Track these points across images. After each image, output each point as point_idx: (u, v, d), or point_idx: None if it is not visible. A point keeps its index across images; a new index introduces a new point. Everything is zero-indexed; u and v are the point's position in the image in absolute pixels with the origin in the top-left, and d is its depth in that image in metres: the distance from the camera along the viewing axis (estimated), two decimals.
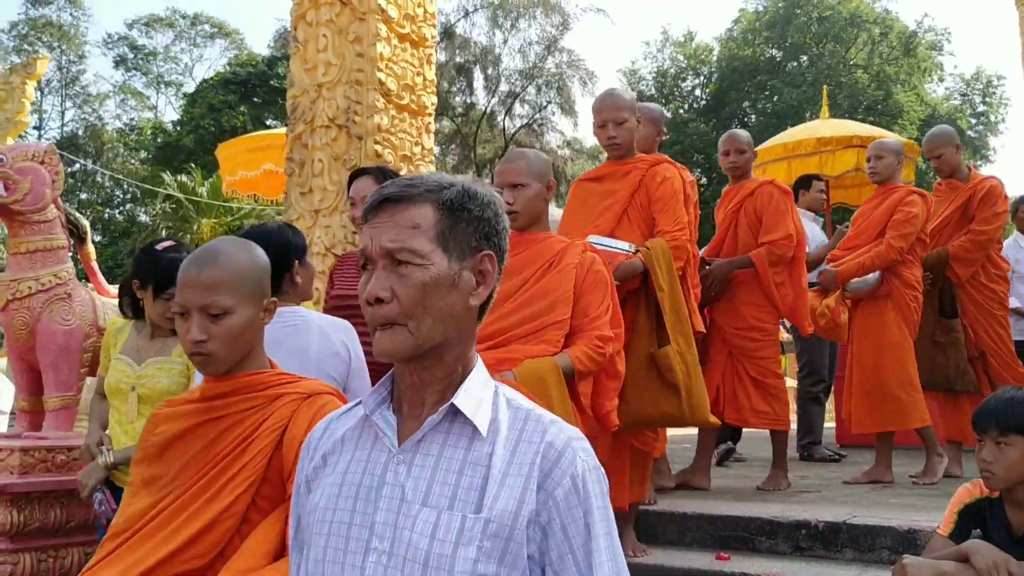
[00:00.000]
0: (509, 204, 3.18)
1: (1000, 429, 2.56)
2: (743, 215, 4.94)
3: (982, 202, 5.24)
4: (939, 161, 5.36)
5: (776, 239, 4.76)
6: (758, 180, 5.02)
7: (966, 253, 5.23)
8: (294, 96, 5.05)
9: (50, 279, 4.30)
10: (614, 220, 4.01)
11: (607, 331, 3.10)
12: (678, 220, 3.94)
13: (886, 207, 5.15)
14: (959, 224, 5.32)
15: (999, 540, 2.55)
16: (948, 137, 5.49)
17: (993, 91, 31.20)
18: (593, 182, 4.24)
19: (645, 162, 4.10)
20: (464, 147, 31.76)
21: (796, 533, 3.76)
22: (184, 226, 25.52)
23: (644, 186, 4.03)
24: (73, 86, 39.29)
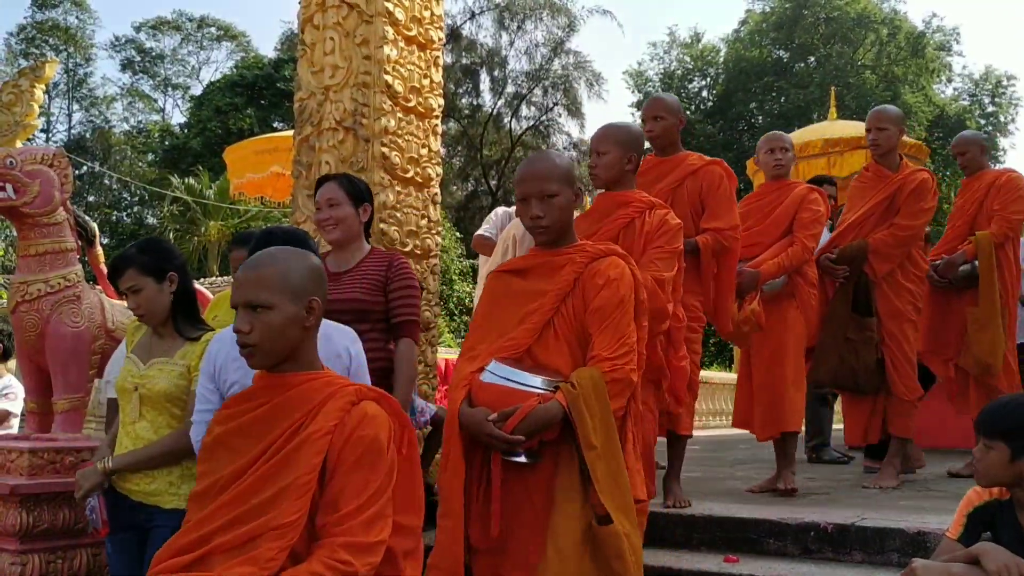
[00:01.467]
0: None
1: (986, 432, 2.62)
2: (684, 193, 4.31)
3: (911, 195, 4.97)
4: (879, 135, 5.10)
5: (723, 228, 4.24)
6: (702, 158, 4.43)
7: (887, 248, 4.94)
8: (301, 99, 5.05)
9: (59, 281, 4.31)
10: (532, 334, 2.87)
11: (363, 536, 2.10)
12: (623, 340, 2.79)
13: (788, 204, 4.90)
14: (883, 216, 5.04)
15: (1009, 543, 2.54)
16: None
17: (1003, 91, 31.12)
18: (513, 275, 3.07)
19: (586, 254, 2.93)
20: (470, 149, 31.79)
21: (805, 535, 3.75)
22: (191, 228, 25.61)
23: (581, 288, 2.88)
24: (80, 89, 39.45)
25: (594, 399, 2.68)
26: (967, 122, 29.46)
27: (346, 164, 4.80)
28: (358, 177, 3.78)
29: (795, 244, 4.77)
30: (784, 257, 4.73)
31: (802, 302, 4.87)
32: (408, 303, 3.55)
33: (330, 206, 3.59)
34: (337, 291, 3.50)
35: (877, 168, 5.15)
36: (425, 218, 5.11)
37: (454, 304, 22.56)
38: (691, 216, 4.25)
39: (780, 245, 4.80)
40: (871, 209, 5.03)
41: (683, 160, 4.39)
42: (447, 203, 29.05)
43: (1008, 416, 2.60)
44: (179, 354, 3.17)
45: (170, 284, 3.20)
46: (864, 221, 5.04)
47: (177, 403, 3.13)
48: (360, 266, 3.59)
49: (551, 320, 2.87)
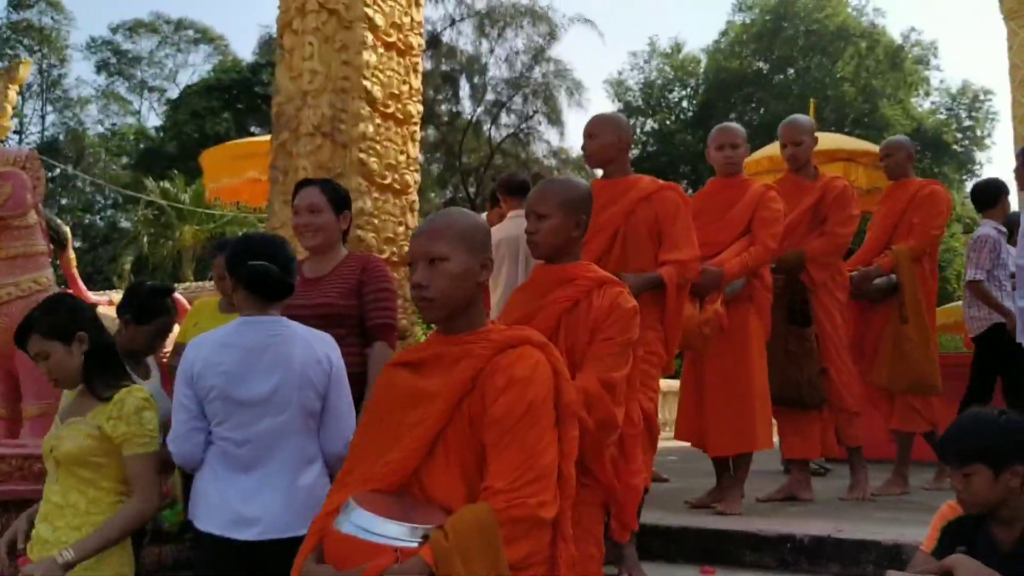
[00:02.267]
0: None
1: (959, 460, 2.54)
2: (639, 222, 3.93)
3: (835, 203, 4.98)
4: (796, 149, 5.09)
5: (686, 259, 3.87)
6: (655, 182, 4.06)
7: (824, 256, 4.94)
8: (279, 103, 5.02)
9: (30, 285, 4.26)
10: (414, 455, 2.17)
11: None
12: (530, 464, 2.08)
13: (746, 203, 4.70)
14: (812, 225, 5.02)
15: (984, 556, 2.53)
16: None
17: (980, 105, 31.42)
18: (403, 369, 2.36)
19: (489, 343, 2.24)
20: (450, 156, 31.76)
21: (782, 547, 3.75)
22: (166, 233, 25.45)
23: (480, 390, 2.17)
24: (54, 90, 39.09)
25: (477, 551, 1.96)
26: (944, 135, 29.75)
27: (323, 170, 4.76)
28: (338, 183, 3.75)
29: (756, 244, 4.57)
30: (747, 256, 4.53)
31: (759, 307, 4.69)
32: (383, 307, 3.51)
33: (311, 212, 3.55)
34: (312, 296, 3.47)
35: (795, 179, 5.14)
36: (403, 225, 5.09)
37: None
38: (649, 246, 3.91)
39: (740, 245, 4.60)
40: (798, 218, 4.98)
41: (634, 184, 3.99)
42: (425, 210, 28.96)
43: (980, 436, 2.53)
44: (91, 414, 2.94)
45: (80, 344, 2.96)
46: (793, 230, 4.96)
47: (87, 466, 2.89)
48: (335, 271, 3.55)
49: (441, 435, 2.17)
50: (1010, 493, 2.52)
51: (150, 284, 3.69)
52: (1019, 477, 2.51)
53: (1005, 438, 2.52)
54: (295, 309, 3.46)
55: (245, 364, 2.76)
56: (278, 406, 2.77)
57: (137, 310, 3.54)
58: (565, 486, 2.17)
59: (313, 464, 2.84)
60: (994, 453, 2.50)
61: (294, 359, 2.81)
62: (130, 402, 2.89)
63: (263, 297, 2.90)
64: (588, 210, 3.00)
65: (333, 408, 2.88)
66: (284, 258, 2.93)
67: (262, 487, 2.74)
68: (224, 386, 2.73)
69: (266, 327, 2.86)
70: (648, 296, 3.76)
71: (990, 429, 2.54)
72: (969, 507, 2.59)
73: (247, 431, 2.76)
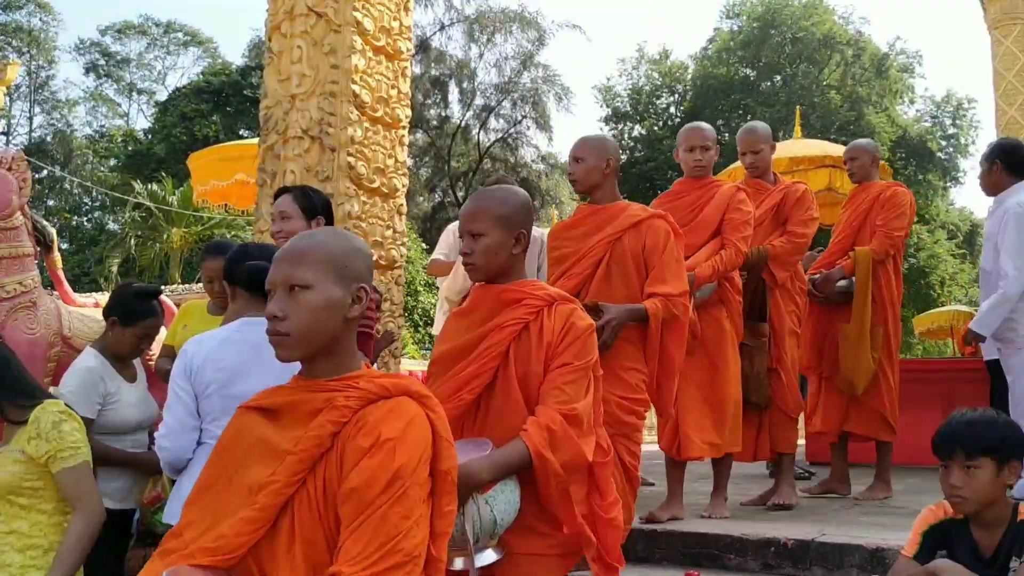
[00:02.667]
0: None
1: (967, 453, 2.54)
2: (624, 250, 3.64)
3: (796, 205, 4.98)
4: (756, 157, 5.10)
5: (673, 293, 3.55)
6: (644, 209, 3.77)
7: (786, 254, 4.92)
8: (267, 107, 5.02)
9: (15, 287, 4.24)
10: (253, 527, 1.79)
11: None
12: (390, 547, 1.69)
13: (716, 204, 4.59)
14: (772, 225, 5.02)
15: (966, 561, 2.55)
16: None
17: (963, 114, 31.63)
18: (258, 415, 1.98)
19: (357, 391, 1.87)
20: (438, 160, 31.78)
21: (765, 551, 3.77)
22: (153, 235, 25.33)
23: (339, 451, 1.81)
24: (42, 91, 38.95)
25: None
26: (929, 143, 29.92)
27: (311, 173, 4.77)
28: (316, 190, 3.74)
29: (727, 247, 4.48)
30: (718, 260, 4.43)
31: (731, 311, 4.59)
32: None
33: (282, 219, 3.58)
34: None
35: (756, 183, 5.14)
36: (390, 229, 5.09)
37: (419, 316, 22.49)
38: (635, 276, 3.61)
39: (710, 248, 4.50)
40: (760, 217, 4.95)
41: (622, 211, 3.70)
42: (413, 214, 28.99)
43: (988, 430, 2.57)
44: (13, 440, 2.89)
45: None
46: (755, 230, 4.84)
47: (23, 493, 2.85)
48: None
49: (290, 504, 1.78)
50: (1001, 492, 2.56)
51: (137, 286, 3.67)
52: (1015, 475, 2.55)
53: (1011, 434, 2.58)
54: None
55: (245, 361, 2.71)
56: None
57: (124, 312, 3.53)
58: (434, 573, 1.79)
59: None
60: (1001, 448, 2.54)
61: None
62: (46, 418, 2.86)
63: (263, 296, 2.89)
64: (528, 223, 2.61)
65: None
66: None
67: None
68: (223, 381, 2.69)
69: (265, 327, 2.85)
70: (631, 333, 3.48)
71: (1000, 426, 2.59)
72: (966, 505, 2.58)
73: None
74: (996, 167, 4.86)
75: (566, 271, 3.68)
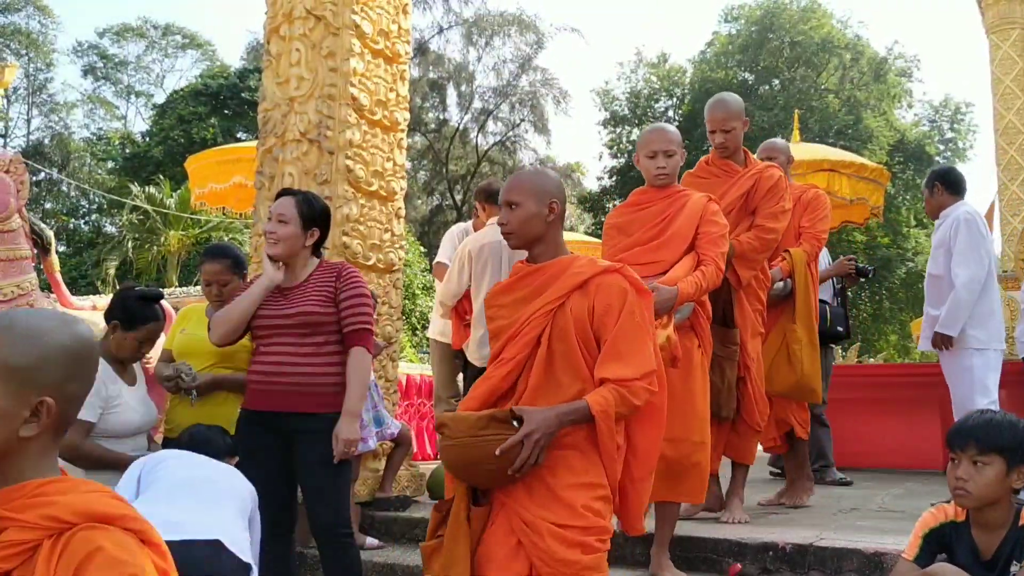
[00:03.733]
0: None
1: (979, 448, 2.56)
2: (566, 321, 2.70)
3: (768, 195, 4.51)
4: (726, 136, 4.58)
5: (631, 377, 2.61)
6: (593, 264, 2.81)
7: (753, 252, 4.42)
8: (265, 109, 5.01)
9: (12, 290, 4.23)
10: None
11: None
12: None
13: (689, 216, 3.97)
14: (740, 215, 4.51)
15: (966, 564, 2.56)
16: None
17: (961, 118, 31.72)
18: None
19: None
20: (436, 163, 31.79)
21: (763, 555, 3.76)
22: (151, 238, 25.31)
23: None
24: (40, 94, 38.94)
25: None
26: (927, 147, 29.98)
27: (310, 176, 4.76)
28: (319, 198, 3.72)
29: (707, 264, 3.84)
30: (700, 277, 3.79)
31: (702, 339, 3.91)
32: (359, 311, 3.51)
33: (279, 221, 3.57)
34: (287, 306, 3.47)
35: (724, 163, 4.65)
36: (388, 232, 5.09)
37: (416, 319, 22.47)
38: (585, 357, 2.69)
39: (688, 262, 3.87)
40: (728, 206, 4.42)
41: (565, 268, 2.79)
42: (411, 217, 28.99)
43: (1005, 430, 2.58)
44: None
45: None
46: None
47: None
48: (310, 279, 3.55)
49: None
50: (1006, 494, 2.56)
51: (139, 290, 3.66)
52: (1023, 480, 2.55)
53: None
54: (272, 319, 3.47)
55: None
56: None
57: (126, 316, 3.53)
58: None
59: None
60: (1015, 450, 2.55)
61: None
62: None
63: None
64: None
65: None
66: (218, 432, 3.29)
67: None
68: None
69: None
70: (574, 436, 2.62)
71: (1016, 428, 2.60)
72: (968, 499, 2.59)
73: None
74: (938, 189, 5.23)
75: (497, 355, 2.81)
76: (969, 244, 4.91)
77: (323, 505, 3.40)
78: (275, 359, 3.41)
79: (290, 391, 3.37)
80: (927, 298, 5.20)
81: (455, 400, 5.75)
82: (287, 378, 3.36)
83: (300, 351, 3.44)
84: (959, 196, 5.17)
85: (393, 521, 4.78)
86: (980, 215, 5.08)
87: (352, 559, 3.48)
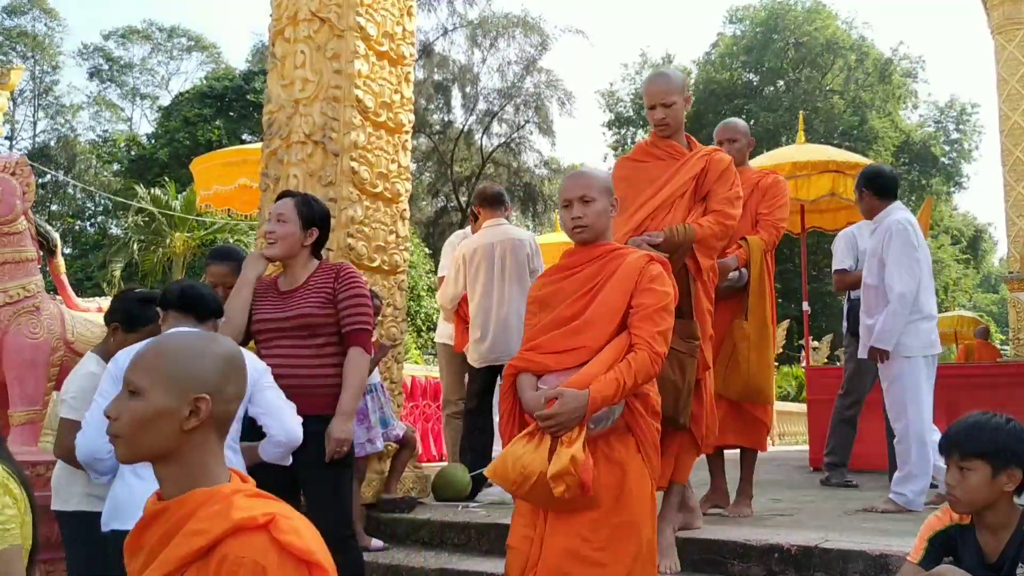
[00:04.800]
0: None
1: (961, 454, 2.57)
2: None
3: (721, 178, 4.05)
4: (667, 112, 4.12)
5: None
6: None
7: (713, 238, 3.94)
8: (270, 111, 5.02)
9: (18, 291, 4.24)
10: None
11: None
12: None
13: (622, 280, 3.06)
14: (690, 202, 4.03)
15: (971, 567, 2.55)
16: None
17: (967, 119, 31.69)
18: None
19: None
20: (441, 165, 31.81)
21: (769, 557, 3.75)
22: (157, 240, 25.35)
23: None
24: (46, 96, 39.06)
25: None
26: (932, 148, 29.94)
27: (314, 178, 4.77)
28: (318, 199, 3.73)
29: (639, 348, 2.88)
30: (625, 370, 2.83)
31: (643, 441, 2.96)
32: (357, 312, 3.51)
33: (278, 221, 3.58)
34: (287, 308, 3.49)
35: (669, 144, 4.17)
36: (393, 233, 5.09)
37: (421, 321, 22.49)
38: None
39: (614, 348, 2.91)
40: (681, 188, 4.01)
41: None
42: (416, 219, 29.01)
43: (987, 434, 2.57)
44: None
45: None
46: (675, 202, 4.00)
47: None
48: (309, 281, 3.56)
49: None
50: (1000, 497, 2.55)
51: (139, 292, 3.67)
52: (1014, 482, 2.54)
53: (1011, 441, 2.56)
54: (272, 322, 3.49)
55: None
56: None
57: (126, 318, 3.53)
58: None
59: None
60: (997, 453, 2.54)
61: None
62: None
63: (195, 315, 3.11)
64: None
65: (264, 407, 3.05)
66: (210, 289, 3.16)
67: None
68: None
69: None
70: None
71: (998, 430, 2.58)
72: (958, 505, 2.60)
73: None
74: (865, 194, 5.13)
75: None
76: (902, 255, 4.82)
77: (325, 506, 3.40)
78: (275, 361, 3.41)
79: (291, 393, 3.38)
80: (863, 307, 5.09)
81: (463, 403, 5.77)
82: (287, 380, 3.36)
83: (300, 353, 3.45)
84: (889, 199, 5.07)
85: (398, 523, 4.78)
86: (914, 222, 4.97)
87: (355, 560, 3.48)
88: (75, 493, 3.39)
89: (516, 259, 5.35)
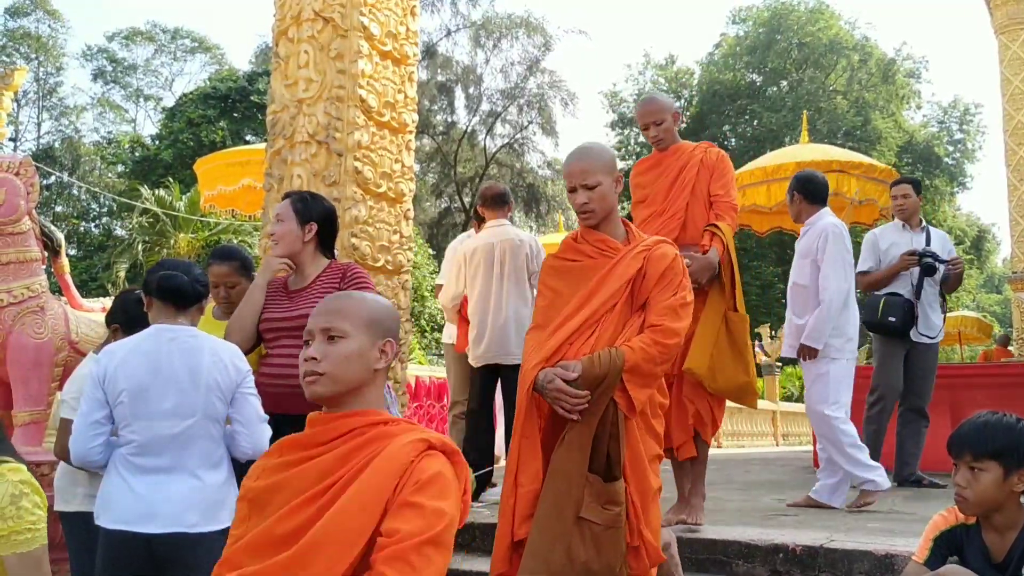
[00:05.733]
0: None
1: (974, 454, 2.55)
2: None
3: (662, 279, 3.15)
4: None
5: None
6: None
7: (650, 363, 2.95)
8: (274, 111, 5.02)
9: (22, 291, 4.25)
10: None
11: None
12: None
13: None
14: (624, 312, 3.34)
15: (976, 566, 2.54)
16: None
17: (970, 119, 31.65)
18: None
19: None
20: (444, 165, 31.82)
21: (774, 557, 3.74)
22: (161, 241, 25.37)
23: None
24: (50, 98, 39.13)
25: None
26: (936, 148, 29.90)
27: (318, 178, 4.77)
28: (320, 196, 3.73)
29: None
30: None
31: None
32: None
33: (277, 222, 3.60)
34: (293, 308, 3.49)
35: (600, 239, 3.48)
36: (397, 233, 5.09)
37: (425, 321, 22.49)
38: None
39: None
40: (611, 298, 3.12)
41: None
42: (420, 219, 29.02)
43: (999, 434, 2.56)
44: None
45: None
46: (602, 318, 3.06)
47: None
48: (317, 281, 3.56)
49: None
50: (1009, 498, 2.54)
51: (140, 293, 3.68)
52: None
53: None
54: (278, 321, 3.49)
55: (154, 371, 2.91)
56: (184, 412, 2.91)
57: (126, 319, 3.53)
58: None
59: (219, 467, 3.00)
60: (1011, 453, 2.53)
61: (201, 367, 2.95)
62: (4, 490, 2.31)
63: (173, 305, 3.08)
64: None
65: (241, 417, 3.03)
66: (194, 272, 3.14)
67: (167, 485, 2.87)
68: (133, 391, 2.87)
69: (176, 336, 3.01)
70: None
71: (1011, 430, 2.57)
72: (968, 506, 2.58)
73: (153, 434, 2.88)
74: (796, 198, 5.18)
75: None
76: (836, 257, 4.93)
77: None
78: (283, 361, 3.41)
79: (298, 392, 3.37)
80: (790, 306, 5.12)
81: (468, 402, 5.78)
82: (292, 380, 3.36)
83: None
84: (819, 205, 5.14)
85: None
86: (845, 227, 5.11)
87: None
88: (77, 494, 3.40)
89: (515, 260, 5.35)
